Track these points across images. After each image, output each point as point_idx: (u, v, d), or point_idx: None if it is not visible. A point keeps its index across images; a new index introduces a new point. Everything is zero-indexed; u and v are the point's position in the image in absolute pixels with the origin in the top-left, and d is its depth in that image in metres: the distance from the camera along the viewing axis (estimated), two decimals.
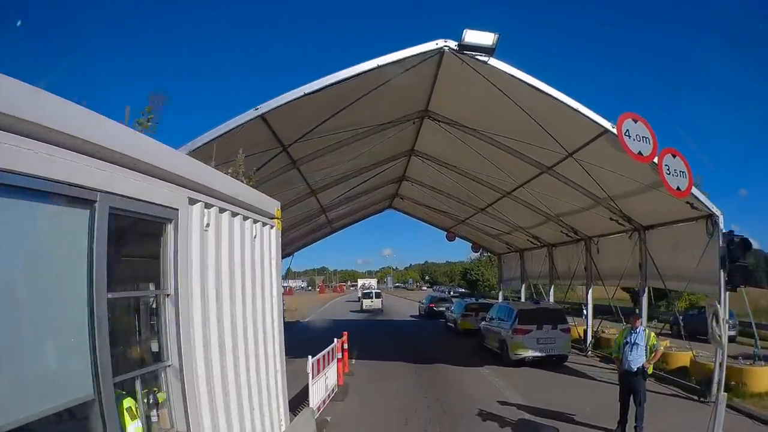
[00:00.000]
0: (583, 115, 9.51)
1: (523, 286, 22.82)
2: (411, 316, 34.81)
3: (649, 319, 17.20)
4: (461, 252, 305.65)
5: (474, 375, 13.03)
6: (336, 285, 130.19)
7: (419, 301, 36.95)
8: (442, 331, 23.82)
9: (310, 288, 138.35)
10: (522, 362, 13.66)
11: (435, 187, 17.84)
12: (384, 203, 22.88)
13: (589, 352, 16.42)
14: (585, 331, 17.11)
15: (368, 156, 13.28)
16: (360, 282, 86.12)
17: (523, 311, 14.04)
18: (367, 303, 38.35)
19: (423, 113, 11.79)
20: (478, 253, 25.53)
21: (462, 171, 14.87)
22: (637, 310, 13.23)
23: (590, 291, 17.28)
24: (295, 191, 13.49)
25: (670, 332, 20.87)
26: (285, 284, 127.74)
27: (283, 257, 23.11)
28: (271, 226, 6.36)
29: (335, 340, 10.68)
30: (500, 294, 26.36)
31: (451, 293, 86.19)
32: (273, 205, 6.57)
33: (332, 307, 51.22)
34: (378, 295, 39.80)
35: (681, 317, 16.29)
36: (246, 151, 9.98)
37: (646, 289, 14.48)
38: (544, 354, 13.57)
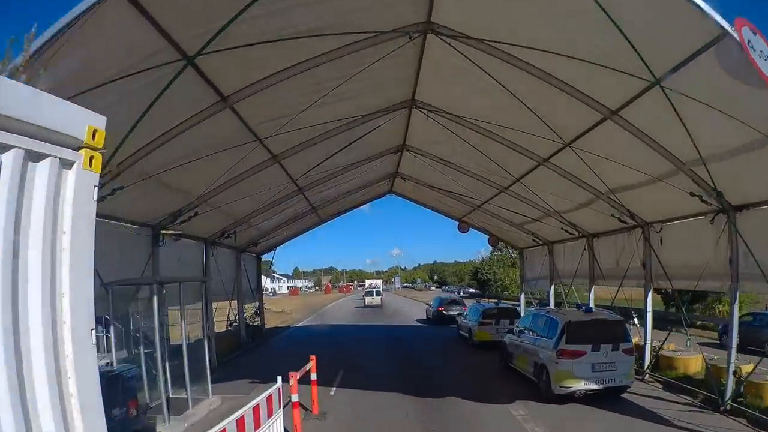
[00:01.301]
0: (694, 4, 5.49)
1: (552, 287, 18.66)
2: (417, 320, 30.63)
3: (687, 325, 13.23)
4: (471, 251, 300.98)
5: (501, 418, 8.95)
6: (342, 285, 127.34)
7: (426, 303, 32.67)
8: (453, 341, 19.62)
9: (316, 288, 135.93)
10: (569, 397, 9.58)
11: (444, 158, 13.75)
12: (382, 186, 18.82)
13: (647, 376, 12.33)
14: (642, 348, 12.96)
15: (344, 101, 9.24)
16: (367, 282, 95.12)
17: (573, 325, 9.83)
18: (369, 300, 47.90)
19: (424, 26, 7.74)
20: (494, 249, 21.20)
21: (481, 128, 10.68)
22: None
23: (650, 294, 13.14)
24: (243, 151, 9.52)
25: (719, 342, 17.41)
26: (291, 284, 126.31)
27: (260, 253, 19.25)
28: (67, 164, 2.26)
29: (279, 380, 6.55)
30: (522, 297, 22.19)
31: (461, 293, 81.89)
32: (77, 119, 2.53)
33: (334, 309, 47.28)
34: (378, 293, 49.85)
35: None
36: (132, 67, 6.15)
37: (737, 296, 10.27)
38: (601, 386, 9.45)
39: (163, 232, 11.42)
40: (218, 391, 10.28)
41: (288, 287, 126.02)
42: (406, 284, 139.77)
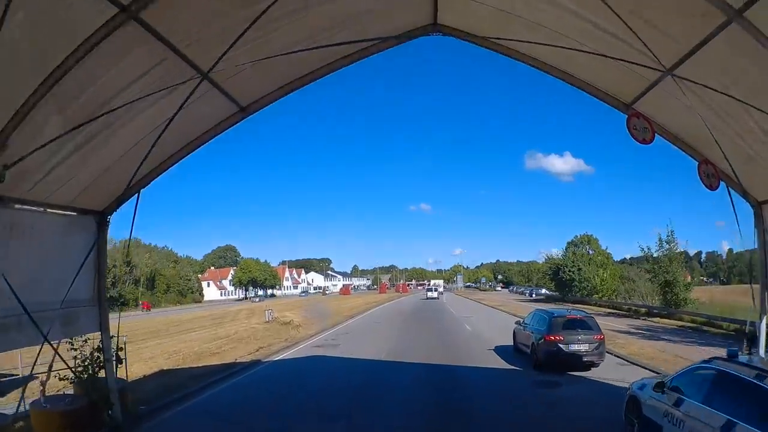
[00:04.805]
0: None
1: None
2: (496, 350, 16.52)
3: None
4: (533, 251, 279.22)
5: None
6: (399, 284, 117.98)
7: (518, 322, 16.38)
8: None
9: (374, 287, 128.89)
10: None
11: None
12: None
13: None
14: None
15: None
16: (431, 282, 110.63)
17: None
18: (429, 294, 61.95)
19: None
20: (710, 185, 7.23)
21: None
22: None
23: None
24: None
25: None
26: (345, 282, 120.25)
27: (105, 211, 7.06)
28: None
29: None
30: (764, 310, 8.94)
31: (533, 295, 66.71)
32: None
33: (374, 317, 35.17)
34: (437, 290, 66.77)
35: None
36: None
37: None
38: None
39: None
40: None
41: (343, 285, 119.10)
42: (468, 284, 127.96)
